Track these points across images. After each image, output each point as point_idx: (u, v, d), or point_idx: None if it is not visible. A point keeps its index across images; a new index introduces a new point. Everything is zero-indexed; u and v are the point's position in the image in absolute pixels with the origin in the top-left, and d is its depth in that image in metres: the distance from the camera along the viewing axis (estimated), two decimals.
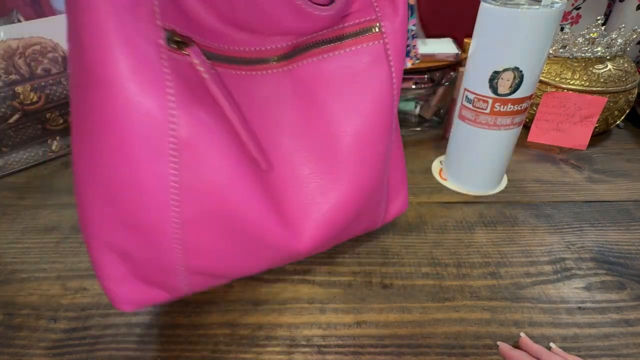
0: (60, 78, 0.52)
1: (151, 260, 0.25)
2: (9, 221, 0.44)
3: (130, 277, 0.26)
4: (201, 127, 0.22)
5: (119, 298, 0.27)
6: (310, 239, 0.29)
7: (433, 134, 0.60)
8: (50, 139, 0.54)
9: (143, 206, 0.23)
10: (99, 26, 0.19)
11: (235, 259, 0.28)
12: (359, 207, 0.30)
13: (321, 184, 0.29)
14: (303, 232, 0.29)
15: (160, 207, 0.23)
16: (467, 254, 0.39)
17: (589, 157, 0.54)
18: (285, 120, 0.28)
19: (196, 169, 0.23)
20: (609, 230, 0.42)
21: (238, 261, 0.28)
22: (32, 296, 0.35)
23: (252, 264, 0.29)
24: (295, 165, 0.28)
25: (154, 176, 0.22)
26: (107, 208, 0.23)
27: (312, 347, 0.31)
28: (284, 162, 0.28)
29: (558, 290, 0.35)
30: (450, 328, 0.32)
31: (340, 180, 0.29)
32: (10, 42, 0.47)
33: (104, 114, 0.20)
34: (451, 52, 0.55)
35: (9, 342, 0.31)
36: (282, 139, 0.28)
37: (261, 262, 0.29)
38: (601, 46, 0.52)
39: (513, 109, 0.40)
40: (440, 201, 0.46)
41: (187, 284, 0.27)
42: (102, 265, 0.25)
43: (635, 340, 0.31)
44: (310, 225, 0.29)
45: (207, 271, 0.27)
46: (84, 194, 0.23)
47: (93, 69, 0.20)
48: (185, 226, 0.24)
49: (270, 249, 0.28)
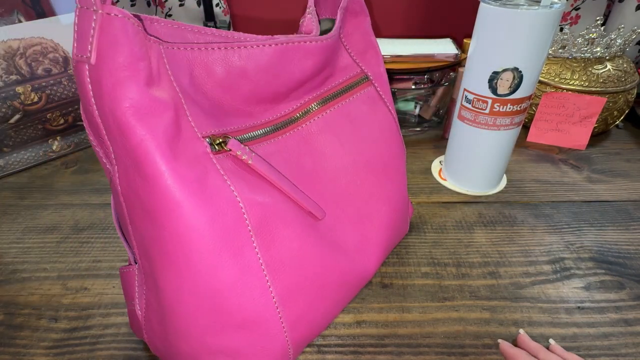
0: (61, 78, 0.52)
1: (262, 351, 0.26)
2: (10, 221, 0.44)
3: None
4: (263, 206, 0.24)
5: None
6: (375, 262, 0.33)
7: (432, 134, 0.60)
8: (51, 139, 0.54)
9: (244, 300, 0.24)
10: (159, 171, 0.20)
11: (330, 312, 0.30)
12: (397, 221, 0.35)
13: (366, 213, 0.33)
14: (369, 260, 0.33)
15: (259, 293, 0.24)
16: (467, 253, 0.39)
17: (588, 157, 0.54)
18: (322, 169, 0.30)
19: (272, 244, 0.25)
20: (608, 230, 0.42)
21: (331, 312, 0.30)
22: (33, 296, 0.35)
23: (339, 308, 0.31)
24: (341, 204, 0.31)
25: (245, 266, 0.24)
26: (209, 318, 0.24)
27: (312, 346, 0.31)
28: (332, 205, 0.30)
29: (557, 290, 0.35)
30: (450, 327, 0.32)
31: (379, 204, 0.33)
32: (11, 43, 0.47)
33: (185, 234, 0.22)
34: (451, 52, 0.55)
35: (10, 341, 0.31)
36: (325, 186, 0.30)
37: (346, 299, 0.32)
38: (600, 46, 0.52)
39: (512, 109, 0.40)
40: (440, 201, 0.46)
41: (294, 356, 0.28)
42: None
43: (634, 339, 0.31)
44: (372, 252, 0.33)
45: (309, 336, 0.29)
46: (180, 314, 0.24)
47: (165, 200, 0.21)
48: (282, 302, 0.26)
49: (352, 285, 0.31)
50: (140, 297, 0.26)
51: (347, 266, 0.30)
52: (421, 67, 0.55)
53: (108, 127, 0.20)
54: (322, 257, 0.28)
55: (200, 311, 0.23)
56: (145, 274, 0.25)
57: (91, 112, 0.20)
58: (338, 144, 0.31)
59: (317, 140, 0.30)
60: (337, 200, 0.31)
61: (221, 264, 0.23)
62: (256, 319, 0.25)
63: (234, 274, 0.23)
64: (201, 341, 0.24)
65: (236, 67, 0.24)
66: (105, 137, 0.21)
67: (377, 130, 0.33)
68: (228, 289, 0.23)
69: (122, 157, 0.21)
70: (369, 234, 0.33)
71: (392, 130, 0.34)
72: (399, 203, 0.35)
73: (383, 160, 0.33)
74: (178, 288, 0.23)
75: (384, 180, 0.33)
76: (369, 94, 0.33)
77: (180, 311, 0.23)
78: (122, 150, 0.21)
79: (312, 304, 0.28)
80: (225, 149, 0.24)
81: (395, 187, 0.34)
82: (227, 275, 0.23)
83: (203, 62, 0.23)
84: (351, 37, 0.32)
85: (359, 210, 0.32)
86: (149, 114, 0.20)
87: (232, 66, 0.24)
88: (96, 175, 0.52)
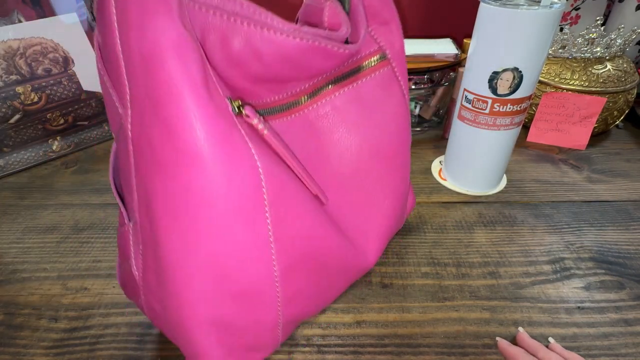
0: (61, 78, 0.52)
1: (253, 324, 0.26)
2: (10, 221, 0.44)
3: (233, 350, 0.26)
4: (279, 180, 0.23)
5: None
6: (375, 251, 0.33)
7: (432, 134, 0.60)
8: (51, 139, 0.54)
9: (247, 270, 0.23)
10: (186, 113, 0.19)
11: (323, 295, 0.30)
12: (399, 214, 0.35)
13: (369, 202, 0.32)
14: (369, 248, 0.32)
15: (263, 266, 0.24)
16: (467, 253, 0.39)
17: (588, 157, 0.54)
18: (327, 153, 0.29)
19: (284, 219, 0.24)
20: (608, 230, 0.42)
21: (324, 297, 0.30)
22: (33, 296, 0.35)
23: (333, 295, 0.31)
24: (345, 191, 0.30)
25: (255, 237, 0.23)
26: (208, 283, 0.23)
27: (312, 346, 0.31)
28: (336, 191, 0.30)
29: (557, 290, 0.35)
30: (450, 327, 0.32)
31: (383, 194, 0.32)
32: (11, 43, 0.47)
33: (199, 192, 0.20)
34: (451, 52, 0.55)
35: (10, 341, 0.31)
36: (329, 171, 0.29)
37: (342, 287, 0.32)
38: (600, 46, 0.52)
39: (512, 109, 0.40)
40: (440, 201, 0.46)
41: (283, 336, 0.28)
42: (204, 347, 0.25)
43: (634, 339, 0.31)
44: (372, 240, 0.33)
45: (300, 316, 0.29)
46: (179, 276, 0.23)
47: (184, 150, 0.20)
48: (282, 278, 0.25)
49: (349, 274, 0.31)
50: (137, 257, 0.25)
51: (348, 252, 0.30)
52: (421, 67, 0.55)
53: (130, 63, 0.19)
54: (326, 239, 0.27)
55: (200, 275, 0.22)
56: (143, 232, 0.24)
57: (112, 46, 0.19)
58: (347, 129, 0.29)
59: (325, 124, 0.29)
60: (342, 186, 0.30)
61: (231, 230, 0.22)
62: (255, 290, 0.24)
63: (242, 243, 0.22)
64: (197, 307, 0.23)
65: (253, 48, 0.22)
66: (124, 76, 0.19)
67: (389, 116, 0.31)
68: (233, 257, 0.22)
69: (140, 98, 0.19)
70: (372, 222, 0.32)
71: (404, 116, 0.32)
72: (403, 193, 0.34)
73: (392, 148, 0.32)
74: (180, 249, 0.22)
75: (392, 169, 0.32)
76: (385, 75, 0.30)
77: (179, 273, 0.22)
78: (143, 89, 0.19)
79: (310, 283, 0.27)
80: (243, 113, 0.22)
81: (401, 176, 0.33)
82: (235, 242, 0.22)
83: (221, 31, 0.21)
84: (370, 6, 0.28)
85: (364, 197, 0.31)
86: (183, 48, 0.18)
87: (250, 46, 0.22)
88: (96, 175, 0.52)
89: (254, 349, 0.27)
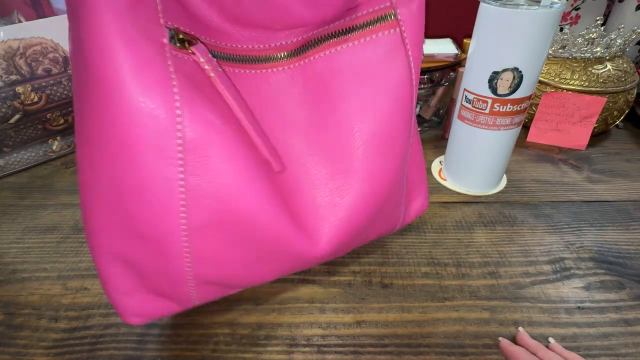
0: (61, 78, 0.52)
1: (159, 270, 0.24)
2: (10, 221, 0.44)
3: (138, 288, 0.25)
4: (208, 128, 0.22)
5: (126, 311, 0.26)
6: (326, 243, 0.27)
7: (432, 134, 0.60)
8: (51, 139, 0.54)
9: (150, 212, 0.22)
10: (100, 28, 0.18)
11: (248, 268, 0.26)
12: (377, 209, 0.28)
13: (337, 185, 0.27)
14: (319, 236, 0.27)
15: (168, 213, 0.22)
16: (467, 253, 0.39)
17: (588, 157, 0.54)
18: (298, 119, 0.26)
19: (203, 172, 0.22)
20: (608, 230, 0.42)
21: (250, 270, 0.27)
22: (33, 296, 0.35)
23: (264, 273, 0.28)
24: (310, 165, 0.27)
25: (161, 180, 0.21)
26: (113, 215, 0.22)
27: (312, 346, 0.31)
28: (297, 162, 0.27)
29: (557, 290, 0.35)
30: (450, 327, 0.32)
31: (357, 181, 0.27)
32: (11, 43, 0.47)
33: (107, 115, 0.20)
34: (451, 52, 0.55)
35: (10, 341, 0.31)
36: (295, 138, 0.27)
37: (274, 269, 0.28)
38: (600, 46, 0.52)
39: (512, 109, 0.40)
40: (440, 201, 0.46)
41: (197, 295, 0.27)
42: (109, 276, 0.25)
43: (634, 339, 0.31)
44: (326, 229, 0.27)
45: (217, 281, 0.26)
46: (89, 200, 0.22)
47: (94, 70, 0.19)
48: (193, 233, 0.23)
49: (285, 255, 0.27)
50: None
51: (287, 232, 0.26)
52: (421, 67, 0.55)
53: None
54: (260, 210, 0.24)
55: (106, 204, 0.22)
56: None
57: None
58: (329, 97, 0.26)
59: (305, 88, 0.26)
60: (306, 162, 0.27)
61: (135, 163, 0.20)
62: (160, 237, 0.23)
63: (147, 180, 0.21)
64: (102, 237, 0.23)
65: None
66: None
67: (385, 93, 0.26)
68: (137, 193, 0.21)
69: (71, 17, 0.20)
70: (337, 208, 0.27)
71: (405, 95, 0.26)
72: (383, 193, 0.28)
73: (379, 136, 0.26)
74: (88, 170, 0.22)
75: (372, 159, 0.27)
76: (390, 41, 0.25)
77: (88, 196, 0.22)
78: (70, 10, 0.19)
79: (227, 249, 0.25)
80: (187, 50, 0.21)
81: (383, 171, 0.27)
82: (140, 177, 0.21)
83: None
84: None
85: (328, 183, 0.27)
86: None
87: None
88: None
89: (165, 297, 0.26)
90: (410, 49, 0.25)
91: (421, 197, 0.35)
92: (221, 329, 0.32)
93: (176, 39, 0.21)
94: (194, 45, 0.21)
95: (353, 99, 0.26)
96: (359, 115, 0.26)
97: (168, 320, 0.33)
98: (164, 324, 0.33)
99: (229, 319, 0.33)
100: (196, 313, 0.33)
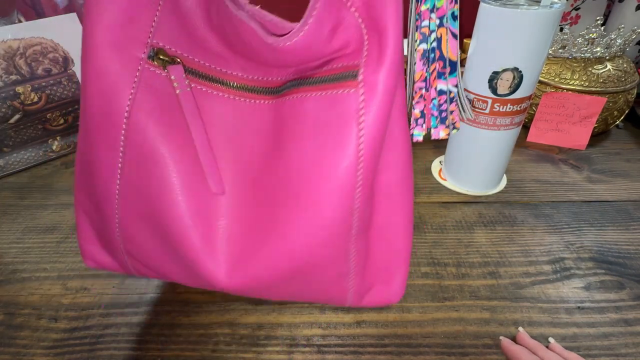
0: (61, 78, 0.52)
1: (102, 229, 0.29)
2: (10, 221, 0.44)
3: (94, 239, 0.31)
4: (153, 133, 0.24)
5: (85, 254, 0.32)
6: (226, 277, 0.26)
7: None
8: (51, 139, 0.54)
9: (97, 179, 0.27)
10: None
11: (164, 261, 0.29)
12: (295, 269, 0.26)
13: (263, 227, 0.26)
14: (223, 267, 0.26)
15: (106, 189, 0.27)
16: (467, 253, 0.39)
17: (588, 157, 0.54)
18: (255, 153, 0.27)
19: (136, 166, 0.25)
20: (608, 230, 0.42)
21: (164, 264, 0.29)
22: (33, 296, 0.35)
23: (180, 274, 0.29)
24: (247, 202, 0.27)
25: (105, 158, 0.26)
26: (81, 176, 0.29)
27: (312, 346, 0.31)
28: (237, 193, 0.27)
29: (557, 290, 0.35)
30: (450, 327, 0.32)
31: (278, 232, 0.25)
32: (11, 43, 0.47)
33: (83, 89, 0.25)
34: None
35: (10, 341, 0.31)
36: (247, 170, 0.27)
37: (182, 276, 0.29)
38: (600, 46, 0.52)
39: (512, 109, 0.40)
40: (440, 201, 0.46)
41: (132, 266, 0.30)
42: (79, 224, 0.31)
43: (634, 339, 0.31)
44: (232, 264, 0.26)
45: (141, 260, 0.29)
46: (77, 165, 0.29)
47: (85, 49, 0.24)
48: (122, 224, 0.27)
49: (189, 269, 0.27)
50: None
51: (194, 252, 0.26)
52: None
53: None
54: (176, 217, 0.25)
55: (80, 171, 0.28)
56: None
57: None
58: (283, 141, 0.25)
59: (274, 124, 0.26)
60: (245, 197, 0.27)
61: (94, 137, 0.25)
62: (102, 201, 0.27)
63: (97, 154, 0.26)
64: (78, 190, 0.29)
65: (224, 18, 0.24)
66: None
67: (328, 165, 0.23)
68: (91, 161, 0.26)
69: None
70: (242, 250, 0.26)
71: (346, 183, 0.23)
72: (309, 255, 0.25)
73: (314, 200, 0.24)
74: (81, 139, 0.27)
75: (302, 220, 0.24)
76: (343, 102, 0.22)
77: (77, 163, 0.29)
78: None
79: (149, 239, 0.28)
80: (164, 69, 0.24)
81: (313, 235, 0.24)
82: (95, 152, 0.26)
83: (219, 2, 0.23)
84: None
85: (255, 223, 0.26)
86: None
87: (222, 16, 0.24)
88: None
89: (111, 254, 0.31)
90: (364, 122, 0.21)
91: (394, 284, 0.31)
92: (221, 329, 0.32)
93: (156, 58, 0.24)
94: (171, 65, 0.24)
95: (305, 151, 0.24)
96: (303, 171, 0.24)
97: (168, 320, 0.33)
98: (163, 323, 0.33)
99: (229, 319, 0.33)
100: (196, 313, 0.33)
